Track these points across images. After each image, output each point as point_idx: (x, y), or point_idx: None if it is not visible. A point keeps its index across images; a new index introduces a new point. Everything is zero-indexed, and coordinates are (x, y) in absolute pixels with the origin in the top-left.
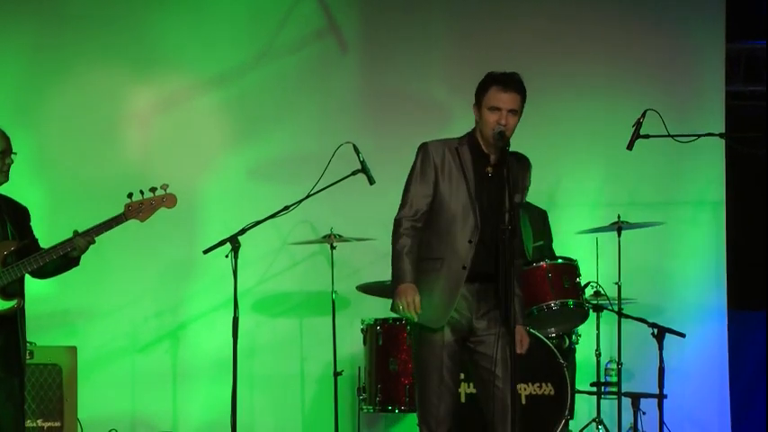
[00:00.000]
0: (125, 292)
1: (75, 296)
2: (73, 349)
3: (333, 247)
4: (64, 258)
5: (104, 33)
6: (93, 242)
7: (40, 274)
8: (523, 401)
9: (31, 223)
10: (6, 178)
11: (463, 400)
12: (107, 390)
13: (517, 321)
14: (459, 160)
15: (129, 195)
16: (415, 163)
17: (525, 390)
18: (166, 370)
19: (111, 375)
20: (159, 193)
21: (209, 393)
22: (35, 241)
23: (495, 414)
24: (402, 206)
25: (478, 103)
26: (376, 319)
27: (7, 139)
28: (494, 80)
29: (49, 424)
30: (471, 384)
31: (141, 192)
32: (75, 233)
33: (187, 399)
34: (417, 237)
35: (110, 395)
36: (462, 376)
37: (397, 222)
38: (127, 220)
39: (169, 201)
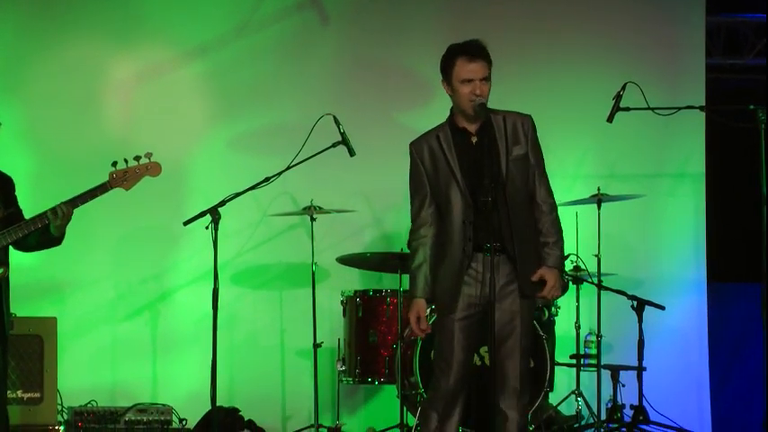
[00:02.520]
0: (105, 263)
1: (56, 267)
2: (53, 320)
3: (313, 219)
4: (45, 234)
5: (88, 4)
6: (71, 213)
7: (23, 246)
8: None
9: (16, 193)
10: None
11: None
12: (87, 360)
13: (550, 264)
14: (441, 146)
15: (114, 164)
16: (409, 167)
17: None
18: (146, 341)
19: (92, 346)
20: (143, 161)
21: (189, 364)
22: (19, 211)
23: (496, 387)
24: (411, 213)
25: (448, 79)
26: (356, 291)
27: None
28: (459, 52)
29: (29, 395)
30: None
31: (126, 160)
32: (62, 203)
33: (167, 370)
34: (429, 239)
35: (90, 366)
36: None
37: (410, 231)
38: (112, 188)
39: (153, 169)
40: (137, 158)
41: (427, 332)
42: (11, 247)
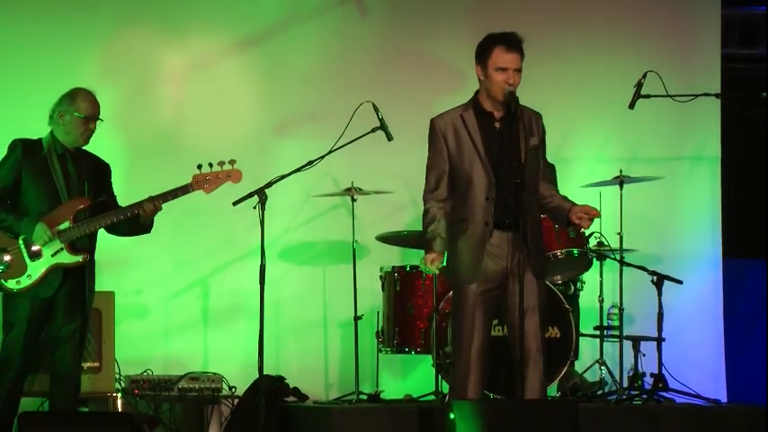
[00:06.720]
0: (159, 242)
1: (114, 244)
2: (110, 294)
3: (354, 200)
4: (134, 222)
5: None
6: (160, 208)
7: (116, 231)
8: None
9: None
10: (86, 142)
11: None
12: (142, 333)
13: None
14: (465, 126)
15: (199, 167)
16: (428, 141)
17: None
18: (197, 315)
19: (147, 319)
20: (227, 167)
21: (238, 336)
22: (113, 198)
23: (519, 358)
24: (425, 185)
25: (482, 64)
26: (394, 267)
27: (97, 106)
28: (497, 41)
29: (89, 364)
30: (501, 328)
31: (210, 165)
32: (149, 198)
33: (218, 341)
34: (443, 207)
35: (145, 338)
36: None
37: (424, 202)
38: (193, 190)
39: (235, 176)
40: (220, 164)
41: (436, 268)
42: (103, 231)
